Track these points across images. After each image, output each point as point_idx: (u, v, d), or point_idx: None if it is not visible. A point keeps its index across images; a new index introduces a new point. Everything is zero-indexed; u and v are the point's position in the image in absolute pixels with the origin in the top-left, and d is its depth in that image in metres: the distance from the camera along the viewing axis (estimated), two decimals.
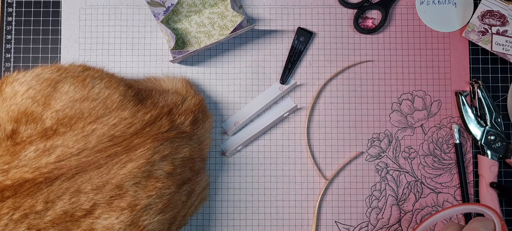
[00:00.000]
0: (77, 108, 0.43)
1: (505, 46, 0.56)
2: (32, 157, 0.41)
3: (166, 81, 0.54)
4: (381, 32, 0.59)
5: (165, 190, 0.45)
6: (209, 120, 0.53)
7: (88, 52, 0.58)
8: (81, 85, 0.44)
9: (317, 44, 0.58)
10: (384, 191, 0.57)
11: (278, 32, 0.59)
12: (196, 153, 0.49)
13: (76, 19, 0.58)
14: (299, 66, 0.58)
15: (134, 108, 0.45)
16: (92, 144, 0.42)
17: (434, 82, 0.58)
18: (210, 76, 0.58)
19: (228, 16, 0.58)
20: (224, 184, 0.57)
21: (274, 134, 0.58)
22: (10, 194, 0.40)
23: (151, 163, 0.44)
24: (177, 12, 0.57)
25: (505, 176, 0.57)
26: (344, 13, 0.59)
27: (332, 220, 0.57)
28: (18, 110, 0.43)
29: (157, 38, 0.58)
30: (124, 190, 0.42)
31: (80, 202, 0.41)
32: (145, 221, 0.43)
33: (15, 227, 0.40)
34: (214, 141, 0.57)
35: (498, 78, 0.58)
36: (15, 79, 0.44)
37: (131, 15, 0.59)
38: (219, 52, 0.58)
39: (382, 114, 0.58)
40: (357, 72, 0.58)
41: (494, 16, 0.56)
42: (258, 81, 0.58)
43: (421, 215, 0.57)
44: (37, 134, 0.42)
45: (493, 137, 0.55)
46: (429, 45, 0.58)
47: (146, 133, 0.44)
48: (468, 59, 0.58)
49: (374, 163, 0.57)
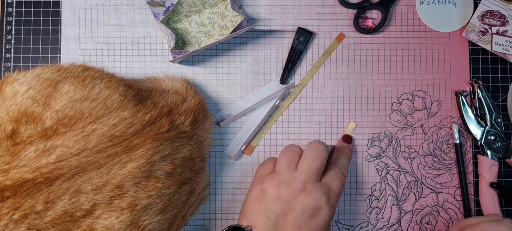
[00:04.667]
0: (77, 109, 0.43)
1: (505, 46, 0.56)
2: (32, 157, 0.41)
3: (166, 81, 0.54)
4: (381, 32, 0.59)
5: (165, 190, 0.45)
6: (209, 120, 0.53)
7: (88, 52, 0.58)
8: (81, 85, 0.44)
9: (317, 44, 0.58)
10: (384, 191, 0.57)
11: (278, 32, 0.59)
12: (196, 153, 0.49)
13: (76, 19, 0.58)
14: (299, 66, 0.58)
15: (134, 109, 0.45)
16: (92, 144, 0.42)
17: (434, 82, 0.58)
18: (210, 76, 0.58)
19: (228, 16, 0.58)
20: (224, 184, 0.57)
21: (274, 134, 0.58)
22: (10, 194, 0.40)
23: (151, 163, 0.44)
24: (177, 12, 0.57)
25: (505, 176, 0.57)
26: (344, 13, 0.59)
27: (332, 220, 0.57)
28: (18, 111, 0.43)
29: (157, 38, 0.58)
30: (124, 190, 0.42)
31: (80, 202, 0.41)
32: (145, 221, 0.43)
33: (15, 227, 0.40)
34: (214, 141, 0.57)
35: (498, 78, 0.58)
36: (15, 79, 0.44)
37: (131, 15, 0.59)
38: (219, 52, 0.58)
39: (382, 114, 0.58)
40: (357, 72, 0.58)
41: (494, 16, 0.56)
42: (258, 81, 0.58)
43: (421, 215, 0.57)
44: (37, 134, 0.42)
45: (493, 137, 0.55)
46: (429, 45, 0.58)
47: (146, 133, 0.44)
48: (468, 59, 0.58)
49: (374, 163, 0.57)
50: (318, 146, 0.51)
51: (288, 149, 0.52)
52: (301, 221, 0.47)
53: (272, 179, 0.49)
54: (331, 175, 0.50)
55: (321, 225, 0.47)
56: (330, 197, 0.48)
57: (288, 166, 0.50)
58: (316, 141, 0.52)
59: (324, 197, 0.48)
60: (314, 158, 0.49)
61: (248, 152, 0.57)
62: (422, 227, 0.56)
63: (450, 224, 0.56)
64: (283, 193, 0.48)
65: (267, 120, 0.58)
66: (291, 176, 0.49)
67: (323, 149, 0.51)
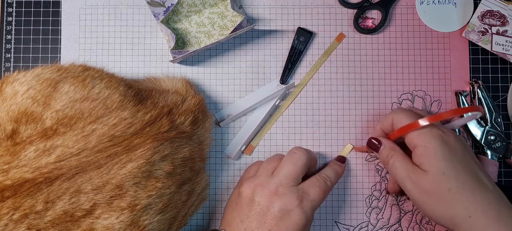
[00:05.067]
0: (77, 109, 0.43)
1: (505, 46, 0.56)
2: (32, 157, 0.41)
3: (166, 81, 0.54)
4: (381, 32, 0.59)
5: (165, 190, 0.45)
6: (209, 120, 0.53)
7: (88, 52, 0.58)
8: (81, 85, 0.44)
9: (317, 44, 0.58)
10: (384, 191, 0.57)
11: (278, 32, 0.59)
12: (196, 153, 0.49)
13: (76, 19, 0.58)
14: (299, 66, 0.58)
15: (134, 109, 0.45)
16: (92, 144, 0.42)
17: (434, 82, 0.58)
18: (210, 76, 0.58)
19: (228, 16, 0.58)
20: (224, 184, 0.57)
21: (273, 133, 0.58)
22: (10, 194, 0.40)
23: (151, 163, 0.44)
24: (177, 12, 0.57)
25: (505, 176, 0.57)
26: (344, 13, 0.59)
27: (332, 220, 0.57)
28: (18, 110, 0.43)
29: (157, 38, 0.58)
30: (124, 190, 0.42)
31: (80, 202, 0.41)
32: (145, 221, 0.43)
33: (15, 227, 0.40)
34: (214, 141, 0.57)
35: (498, 78, 0.58)
36: (15, 79, 0.44)
37: (131, 15, 0.59)
38: (219, 52, 0.58)
39: (382, 114, 0.58)
40: (357, 72, 0.58)
41: (494, 16, 0.56)
42: (258, 81, 0.58)
43: (421, 215, 0.57)
44: (37, 134, 0.42)
45: (493, 137, 0.55)
46: (429, 45, 0.58)
47: (146, 133, 0.44)
48: (468, 59, 0.58)
49: (374, 163, 0.57)
50: (298, 152, 0.51)
51: (273, 156, 0.54)
52: (271, 223, 0.47)
53: (250, 182, 0.50)
54: (311, 181, 0.50)
55: (292, 229, 0.47)
56: (304, 202, 0.48)
57: (267, 170, 0.51)
58: (297, 147, 0.53)
59: (297, 201, 0.48)
60: (291, 163, 0.50)
61: (248, 152, 0.57)
62: (422, 227, 0.56)
63: None
64: (256, 195, 0.49)
65: (267, 120, 0.58)
66: (267, 179, 0.50)
67: (302, 154, 0.51)
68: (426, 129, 0.47)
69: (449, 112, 0.47)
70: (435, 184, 0.45)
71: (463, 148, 0.47)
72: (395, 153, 0.49)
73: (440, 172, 0.45)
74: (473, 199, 0.44)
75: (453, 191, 0.44)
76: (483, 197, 0.44)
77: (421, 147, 0.46)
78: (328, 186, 0.51)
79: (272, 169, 0.51)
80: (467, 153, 0.47)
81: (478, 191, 0.44)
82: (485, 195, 0.44)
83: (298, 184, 0.50)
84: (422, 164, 0.46)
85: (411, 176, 0.47)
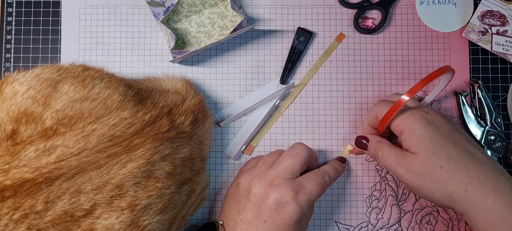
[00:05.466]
0: (77, 109, 0.43)
1: (505, 46, 0.56)
2: (32, 157, 0.41)
3: (166, 81, 0.54)
4: (381, 32, 0.59)
5: (165, 190, 0.45)
6: (209, 120, 0.53)
7: (88, 52, 0.58)
8: (81, 85, 0.44)
9: (317, 44, 0.58)
10: (384, 191, 0.57)
11: (278, 32, 0.59)
12: (196, 153, 0.49)
13: (76, 19, 0.58)
14: (299, 66, 0.58)
15: (134, 109, 0.45)
16: (92, 144, 0.42)
17: (434, 82, 0.58)
18: (210, 76, 0.58)
19: (228, 16, 0.58)
20: (224, 184, 0.57)
21: (273, 133, 0.58)
22: (10, 194, 0.40)
23: (151, 163, 0.44)
24: (177, 12, 0.57)
25: None
26: (344, 13, 0.59)
27: (332, 220, 0.57)
28: (18, 110, 0.43)
29: (157, 38, 0.58)
30: (124, 190, 0.42)
31: (80, 202, 0.41)
32: (145, 221, 0.43)
33: (15, 227, 0.40)
34: (214, 141, 0.57)
35: (498, 78, 0.58)
36: (15, 79, 0.44)
37: (131, 15, 0.59)
38: (219, 52, 0.58)
39: None
40: (357, 72, 0.58)
41: (494, 16, 0.56)
42: (258, 81, 0.58)
43: (421, 215, 0.57)
44: (37, 134, 0.42)
45: (493, 137, 0.55)
46: (429, 45, 0.58)
47: (146, 133, 0.44)
48: (468, 59, 0.58)
49: (374, 163, 0.57)
50: (299, 147, 0.51)
51: (274, 151, 0.55)
52: (266, 214, 0.47)
53: (249, 173, 0.51)
54: (309, 175, 0.50)
55: (287, 221, 0.47)
56: (299, 195, 0.48)
57: (266, 163, 0.51)
58: (298, 143, 0.53)
59: (291, 193, 0.47)
60: (291, 156, 0.50)
61: (248, 152, 0.57)
62: (422, 227, 0.56)
63: (450, 224, 0.56)
64: (253, 186, 0.49)
65: (267, 120, 0.58)
66: (265, 171, 0.50)
67: (303, 150, 0.51)
68: (408, 112, 0.47)
69: (422, 81, 0.46)
70: (426, 165, 0.45)
71: (450, 125, 0.47)
72: (382, 144, 0.49)
73: (429, 152, 0.45)
74: (466, 173, 0.44)
75: (445, 169, 0.44)
76: (477, 170, 0.44)
77: (407, 131, 0.47)
78: (326, 181, 0.51)
79: (272, 162, 0.51)
80: (455, 129, 0.47)
81: (471, 165, 0.44)
82: (479, 168, 0.44)
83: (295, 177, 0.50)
84: (410, 147, 0.46)
85: (401, 162, 0.47)
